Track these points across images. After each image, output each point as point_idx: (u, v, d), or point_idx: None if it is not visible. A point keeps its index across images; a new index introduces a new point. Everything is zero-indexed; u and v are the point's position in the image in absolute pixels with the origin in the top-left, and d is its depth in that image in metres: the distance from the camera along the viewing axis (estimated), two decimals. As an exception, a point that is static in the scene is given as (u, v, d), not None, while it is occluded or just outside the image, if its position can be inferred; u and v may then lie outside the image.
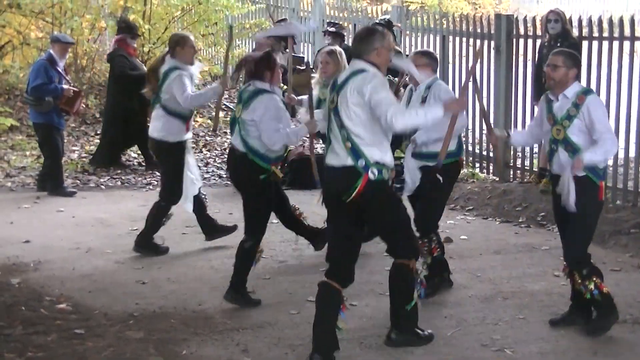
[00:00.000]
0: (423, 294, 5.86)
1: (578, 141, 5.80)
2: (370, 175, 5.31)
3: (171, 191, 7.86)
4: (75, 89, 10.19)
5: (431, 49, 11.82)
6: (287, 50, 10.96)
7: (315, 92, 7.71)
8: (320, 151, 8.62)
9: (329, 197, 5.60)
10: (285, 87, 9.26)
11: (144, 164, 11.59)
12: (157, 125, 7.76)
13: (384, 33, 5.49)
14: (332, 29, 11.06)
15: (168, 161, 7.85)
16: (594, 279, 5.89)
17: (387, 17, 11.29)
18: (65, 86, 9.90)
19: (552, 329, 6.08)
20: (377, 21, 10.67)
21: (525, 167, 10.39)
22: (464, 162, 8.89)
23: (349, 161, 5.34)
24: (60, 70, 9.96)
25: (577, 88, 5.93)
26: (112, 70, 11.39)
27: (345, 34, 11.56)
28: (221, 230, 8.17)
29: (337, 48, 7.91)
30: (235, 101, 6.66)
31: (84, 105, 11.44)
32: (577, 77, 5.99)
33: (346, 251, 5.56)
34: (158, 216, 7.90)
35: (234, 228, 8.10)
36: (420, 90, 6.67)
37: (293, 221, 7.42)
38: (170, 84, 7.60)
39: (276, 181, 6.73)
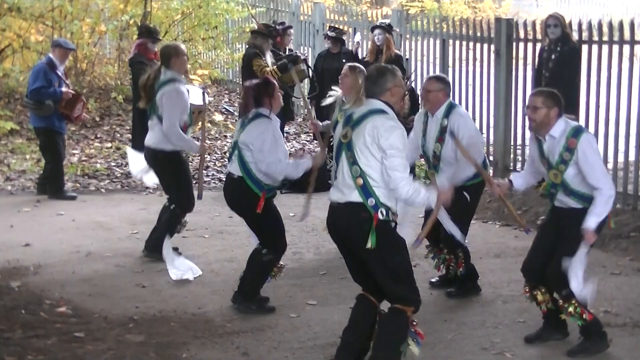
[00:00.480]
0: (418, 348, 5.24)
1: (577, 186, 5.62)
2: (380, 215, 5.07)
3: (184, 200, 7.61)
4: (73, 92, 10.15)
5: (431, 53, 11.88)
6: (280, 51, 11.01)
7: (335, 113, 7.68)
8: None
9: (334, 234, 5.32)
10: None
11: None
12: (152, 134, 7.54)
13: (394, 71, 5.33)
14: (333, 34, 11.05)
15: (168, 172, 7.59)
16: (574, 302, 5.62)
17: (387, 21, 11.30)
18: (64, 89, 9.90)
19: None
20: (378, 24, 10.67)
21: (525, 171, 10.40)
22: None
23: (355, 197, 5.09)
24: (60, 74, 9.95)
25: (562, 126, 5.65)
26: (132, 76, 11.29)
27: (345, 38, 11.55)
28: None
29: (360, 66, 7.80)
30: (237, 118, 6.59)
31: (86, 109, 11.36)
32: (560, 115, 5.70)
33: (365, 276, 5.32)
34: (172, 223, 7.60)
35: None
36: (438, 118, 6.62)
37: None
38: (162, 97, 7.37)
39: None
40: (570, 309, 5.64)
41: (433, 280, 7.16)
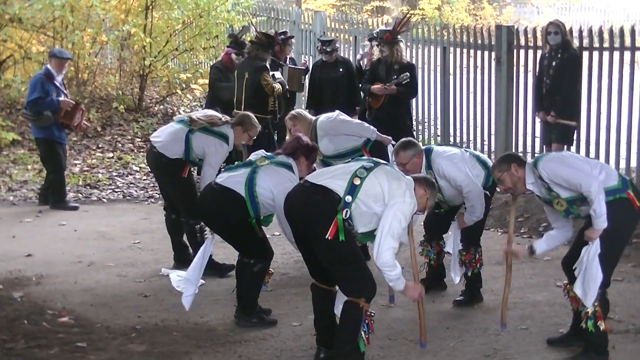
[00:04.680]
0: (362, 344, 5.31)
1: (577, 199, 5.56)
2: (344, 214, 5.18)
3: (193, 206, 7.37)
4: (72, 101, 10.12)
5: (432, 60, 11.90)
6: (281, 61, 10.99)
7: None
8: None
9: (296, 209, 5.40)
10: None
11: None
12: (162, 140, 7.51)
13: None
14: (328, 48, 10.84)
15: (175, 177, 7.46)
16: (596, 306, 5.56)
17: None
18: (62, 98, 9.88)
19: (554, 340, 6.07)
20: (375, 34, 10.67)
21: (527, 178, 10.40)
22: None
23: (332, 186, 5.24)
24: (58, 84, 9.94)
25: (530, 171, 5.69)
26: (209, 79, 11.37)
27: (338, 46, 11.37)
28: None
29: (301, 112, 7.95)
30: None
31: (87, 119, 11.37)
32: (522, 165, 5.73)
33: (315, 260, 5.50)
34: (193, 235, 7.62)
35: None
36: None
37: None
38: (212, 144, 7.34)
39: None
40: (589, 310, 5.55)
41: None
